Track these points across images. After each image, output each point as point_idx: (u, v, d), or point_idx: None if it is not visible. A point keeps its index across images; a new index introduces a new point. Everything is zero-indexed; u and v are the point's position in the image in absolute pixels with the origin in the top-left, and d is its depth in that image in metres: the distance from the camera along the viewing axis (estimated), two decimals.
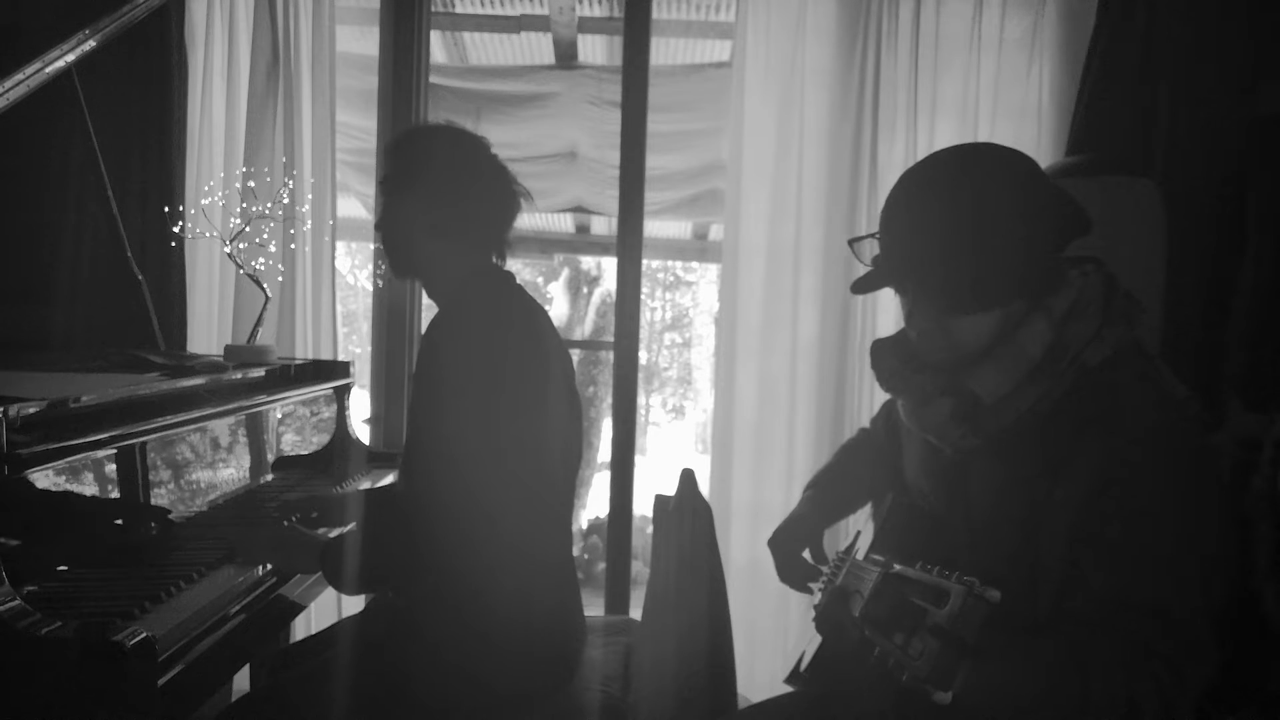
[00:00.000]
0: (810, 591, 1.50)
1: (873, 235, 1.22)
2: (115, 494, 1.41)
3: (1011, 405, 1.14)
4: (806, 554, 1.49)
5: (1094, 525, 1.07)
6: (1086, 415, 1.11)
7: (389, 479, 2.15)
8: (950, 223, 1.12)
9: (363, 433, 2.50)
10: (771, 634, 2.64)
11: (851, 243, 1.27)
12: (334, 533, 1.76)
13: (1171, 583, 1.03)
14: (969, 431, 1.17)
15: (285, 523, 1.68)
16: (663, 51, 3.56)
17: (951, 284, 1.13)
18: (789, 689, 1.51)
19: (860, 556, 1.39)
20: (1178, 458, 1.07)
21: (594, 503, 6.62)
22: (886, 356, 1.30)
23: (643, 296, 2.82)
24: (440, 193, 1.53)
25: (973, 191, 1.12)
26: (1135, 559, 1.04)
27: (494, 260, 1.62)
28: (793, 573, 1.48)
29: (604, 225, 5.22)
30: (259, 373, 1.99)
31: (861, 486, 1.54)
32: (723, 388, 2.70)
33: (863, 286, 1.21)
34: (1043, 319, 1.13)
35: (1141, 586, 1.03)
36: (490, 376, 1.42)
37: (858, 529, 1.54)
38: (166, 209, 2.37)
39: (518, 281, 1.61)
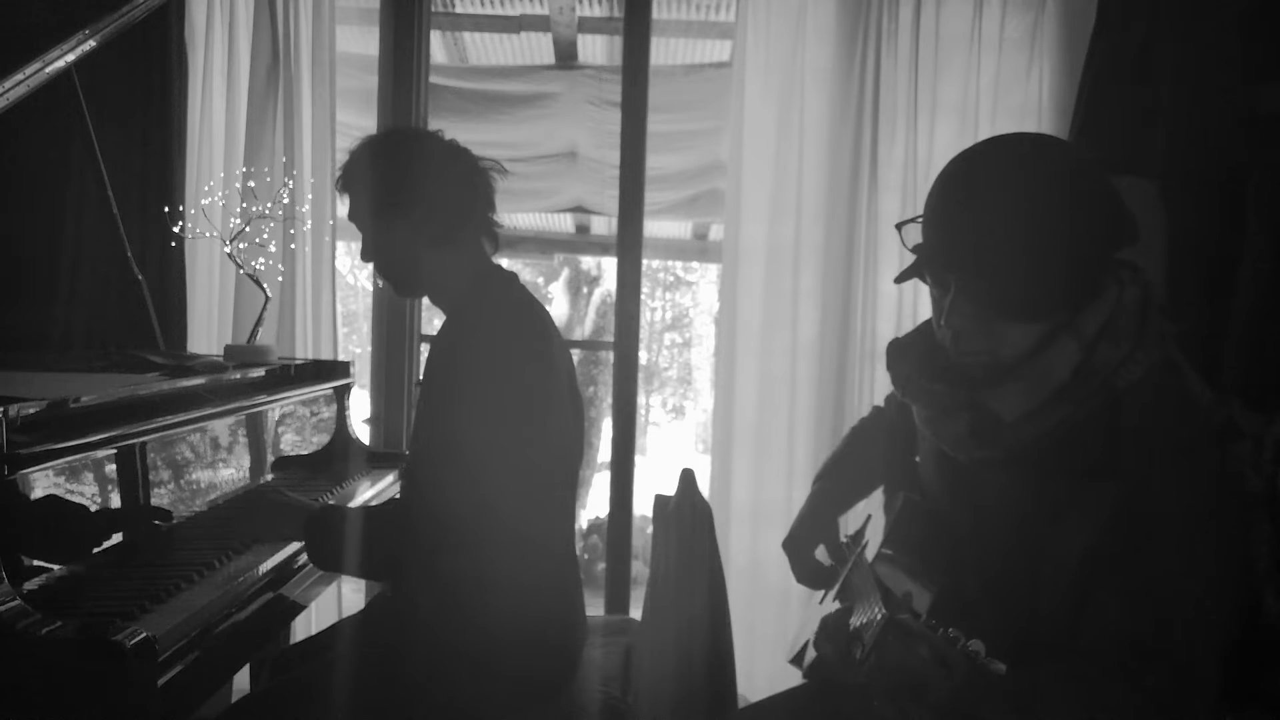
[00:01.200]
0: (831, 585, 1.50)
1: (917, 219, 1.14)
2: (115, 494, 1.41)
3: (1033, 424, 1.09)
4: (821, 552, 1.49)
5: (1108, 554, 1.04)
6: (1108, 442, 1.06)
7: (389, 479, 2.15)
8: (1018, 223, 1.03)
9: (363, 433, 2.50)
10: (771, 634, 2.64)
11: (899, 226, 1.18)
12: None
13: (1185, 625, 1.00)
14: (986, 445, 1.13)
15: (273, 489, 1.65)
16: (663, 51, 3.56)
17: (1012, 289, 1.05)
18: (788, 688, 1.51)
19: (870, 553, 1.38)
20: (1202, 494, 1.03)
21: (594, 503, 6.62)
22: (902, 360, 1.25)
23: (643, 296, 2.82)
24: (421, 202, 1.50)
25: (1041, 191, 1.05)
26: (1150, 596, 1.01)
27: (488, 251, 1.60)
28: (808, 574, 1.47)
29: (604, 225, 5.22)
30: (259, 373, 1.99)
31: (874, 470, 1.51)
32: (723, 388, 2.70)
33: (907, 277, 1.14)
34: (1073, 339, 1.06)
35: (1154, 626, 1.00)
36: (500, 380, 1.42)
37: (868, 513, 1.52)
38: (166, 209, 2.37)
39: (520, 283, 1.60)
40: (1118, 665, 1.00)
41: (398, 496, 2.09)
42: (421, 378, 1.51)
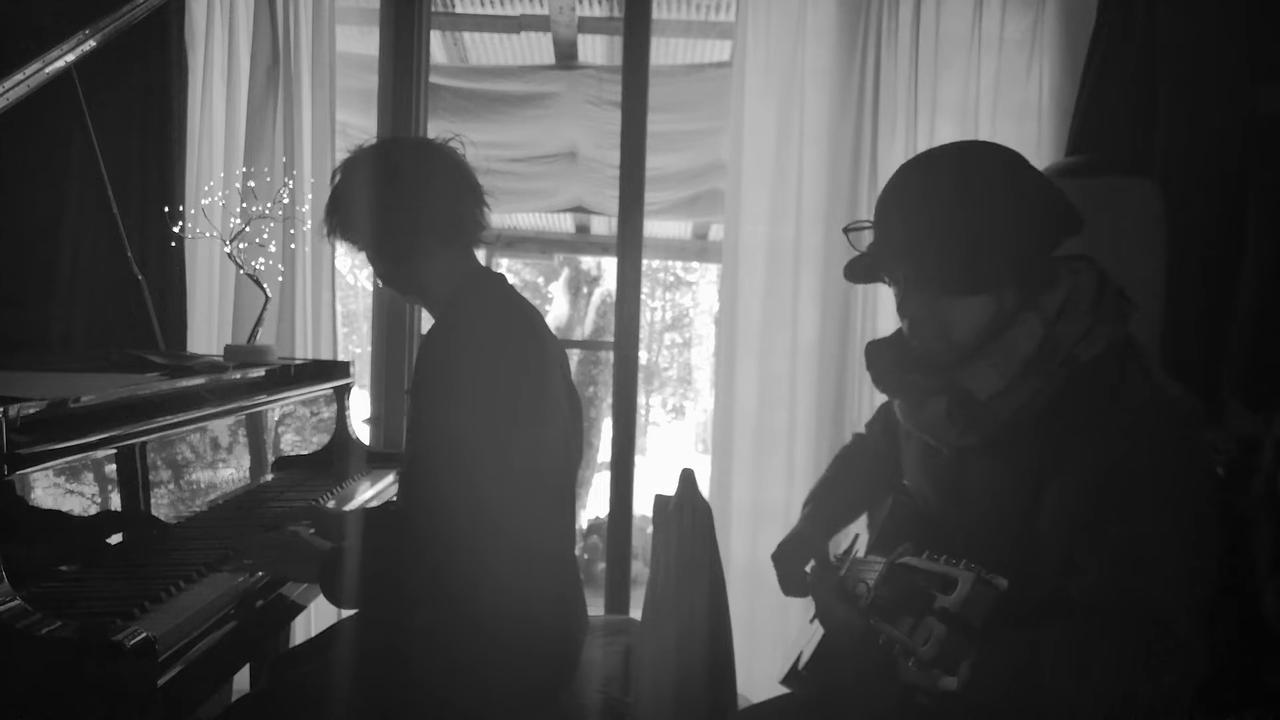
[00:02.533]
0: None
1: (868, 223, 1.24)
2: (115, 494, 1.41)
3: (1005, 402, 1.15)
4: (811, 566, 1.49)
5: (1089, 520, 1.08)
6: (1081, 412, 1.12)
7: (388, 480, 2.15)
8: (942, 206, 1.14)
9: (363, 433, 2.50)
10: (771, 634, 2.64)
11: (847, 230, 1.29)
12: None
13: (1167, 581, 1.04)
14: (965, 429, 1.18)
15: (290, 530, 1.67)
16: (663, 51, 3.56)
17: (943, 263, 1.14)
18: (788, 692, 1.51)
19: (860, 554, 1.39)
20: (1172, 454, 1.08)
21: (594, 503, 6.62)
22: (881, 357, 1.32)
23: (643, 296, 2.82)
24: (409, 210, 1.50)
25: (965, 177, 1.15)
26: (1131, 556, 1.05)
27: (476, 256, 1.61)
28: (795, 586, 1.48)
29: (604, 225, 5.22)
30: (259, 373, 1.99)
31: (860, 495, 1.54)
32: (723, 388, 2.70)
33: (855, 273, 1.24)
34: (1035, 316, 1.14)
35: (1138, 584, 1.04)
36: (492, 379, 1.42)
37: (855, 533, 1.54)
38: (166, 209, 2.37)
39: (509, 283, 1.61)
40: (1115, 625, 1.03)
41: (395, 499, 2.09)
42: (410, 382, 1.51)
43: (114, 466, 1.40)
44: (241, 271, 2.38)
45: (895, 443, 1.45)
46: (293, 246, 2.59)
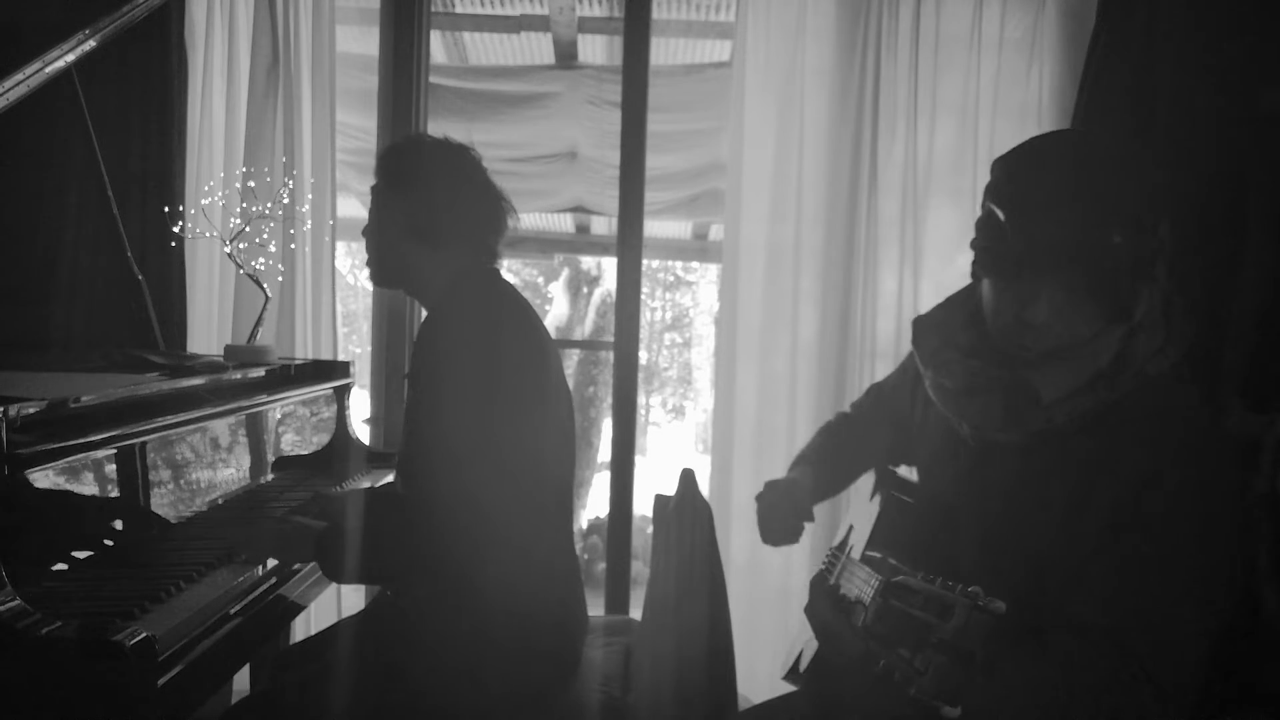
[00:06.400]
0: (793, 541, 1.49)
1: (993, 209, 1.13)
2: (115, 494, 1.41)
3: (1064, 408, 1.13)
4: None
5: (1117, 533, 1.06)
6: (1130, 426, 1.10)
7: (388, 480, 2.15)
8: (1116, 224, 1.07)
9: (363, 433, 2.50)
10: (771, 634, 2.64)
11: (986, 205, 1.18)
12: None
13: (1182, 604, 1.02)
14: (1012, 425, 1.16)
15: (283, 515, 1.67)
16: (663, 51, 3.57)
17: (1114, 285, 1.09)
18: (789, 690, 1.51)
19: (856, 555, 1.38)
20: (1211, 481, 1.06)
21: (594, 503, 6.62)
22: (931, 336, 1.29)
23: (643, 296, 2.82)
24: (424, 199, 1.55)
25: (1136, 185, 1.09)
26: (1153, 574, 1.03)
27: (481, 262, 1.62)
28: (775, 533, 1.47)
29: (604, 225, 5.22)
30: (259, 373, 1.99)
31: (848, 467, 1.55)
32: (723, 388, 2.70)
33: (991, 265, 1.14)
34: (1118, 327, 1.12)
35: (1152, 604, 1.02)
36: (485, 372, 1.42)
37: (850, 524, 1.53)
38: (166, 209, 2.37)
39: (503, 277, 1.62)
40: (1116, 644, 1.01)
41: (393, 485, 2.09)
42: (407, 374, 1.52)
43: (114, 466, 1.40)
44: (241, 271, 2.38)
45: (894, 429, 1.43)
46: (293, 246, 2.59)
